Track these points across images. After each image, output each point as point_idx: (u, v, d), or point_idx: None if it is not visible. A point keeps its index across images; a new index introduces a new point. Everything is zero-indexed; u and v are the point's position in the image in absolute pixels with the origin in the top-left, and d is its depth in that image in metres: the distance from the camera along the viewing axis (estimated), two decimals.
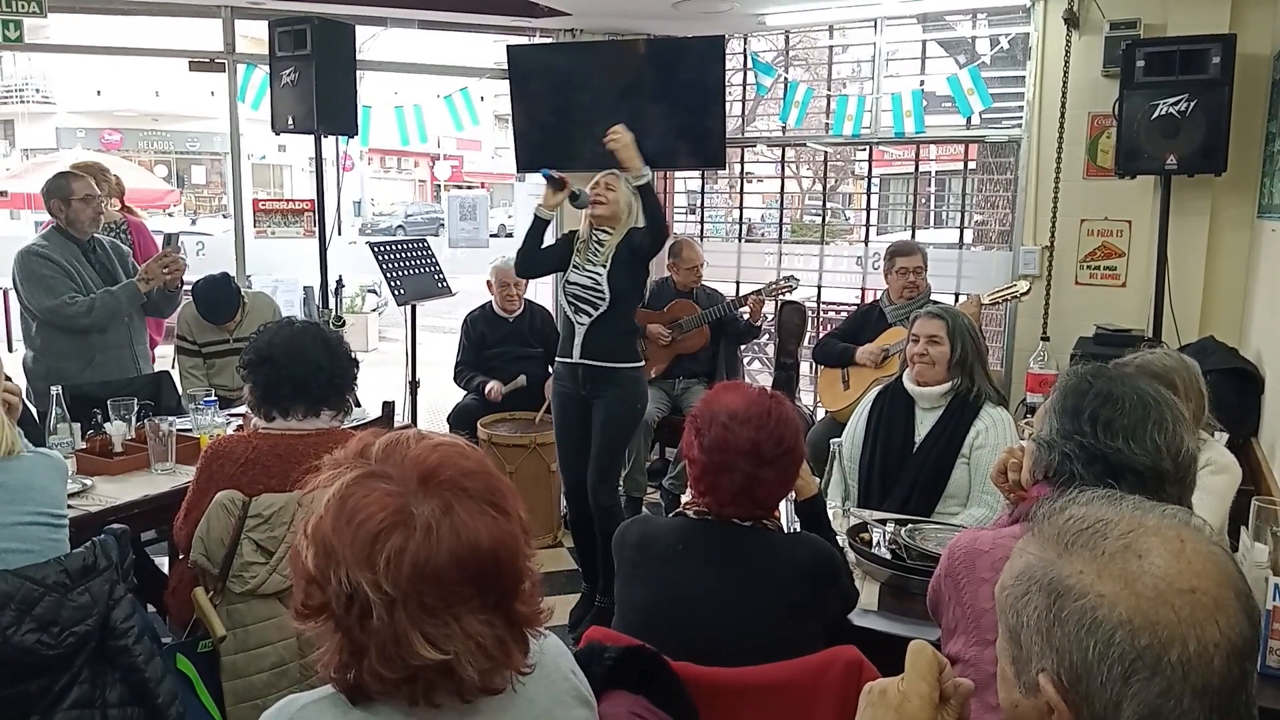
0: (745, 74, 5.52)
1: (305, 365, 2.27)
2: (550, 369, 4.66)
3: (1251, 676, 0.78)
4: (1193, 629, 0.75)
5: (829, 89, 5.44)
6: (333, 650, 1.05)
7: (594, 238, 3.50)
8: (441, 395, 5.22)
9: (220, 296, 4.11)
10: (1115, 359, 2.07)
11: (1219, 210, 4.07)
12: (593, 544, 3.63)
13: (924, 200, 8.80)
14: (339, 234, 5.12)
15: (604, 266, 3.42)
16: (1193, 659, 0.75)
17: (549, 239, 3.67)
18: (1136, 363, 2.15)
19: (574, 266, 3.51)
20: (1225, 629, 0.76)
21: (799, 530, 2.10)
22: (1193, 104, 3.69)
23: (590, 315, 3.44)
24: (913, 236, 5.34)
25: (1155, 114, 3.75)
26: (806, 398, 5.42)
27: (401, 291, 4.65)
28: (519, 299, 4.70)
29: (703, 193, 5.98)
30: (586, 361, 3.45)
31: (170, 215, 17.54)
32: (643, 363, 3.60)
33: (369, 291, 10.46)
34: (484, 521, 1.04)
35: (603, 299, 3.41)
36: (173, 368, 4.29)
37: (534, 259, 3.58)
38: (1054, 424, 1.51)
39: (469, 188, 22.07)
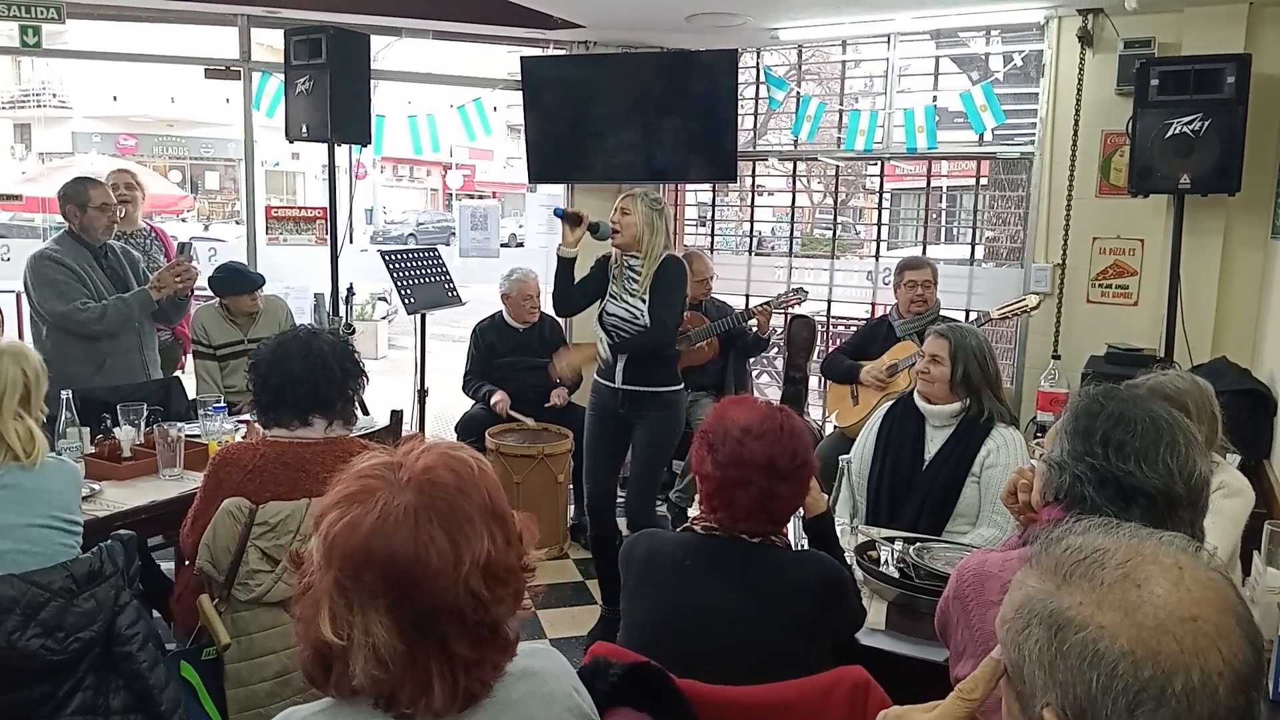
0: (757, 88, 5.53)
1: (282, 375, 2.28)
2: (557, 380, 4.67)
3: (1258, 705, 0.77)
4: (1196, 658, 0.74)
5: (841, 104, 5.44)
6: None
7: (625, 263, 3.41)
8: (450, 404, 5.22)
9: (241, 268, 4.36)
10: (1127, 378, 2.06)
11: (1232, 230, 4.05)
12: (612, 564, 3.62)
13: (935, 216, 8.78)
14: (350, 242, 5.14)
15: (643, 300, 3.33)
16: (1197, 689, 0.73)
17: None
18: (1149, 384, 2.14)
19: (611, 296, 3.41)
20: (1229, 657, 0.75)
21: (807, 548, 2.08)
22: (1207, 123, 3.68)
23: None
24: (924, 252, 5.33)
25: (1169, 133, 3.74)
26: (815, 412, 5.41)
27: (412, 300, 4.66)
28: (539, 311, 4.71)
29: (713, 205, 5.98)
30: (628, 387, 3.41)
31: (183, 221, 17.62)
32: (682, 385, 3.53)
33: (379, 299, 10.48)
34: (420, 534, 1.03)
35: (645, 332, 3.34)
36: (185, 372, 4.32)
37: (571, 297, 3.48)
38: (1065, 445, 1.50)
39: (481, 197, 22.16)
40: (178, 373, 4.35)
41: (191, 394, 3.92)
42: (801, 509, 2.00)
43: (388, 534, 1.02)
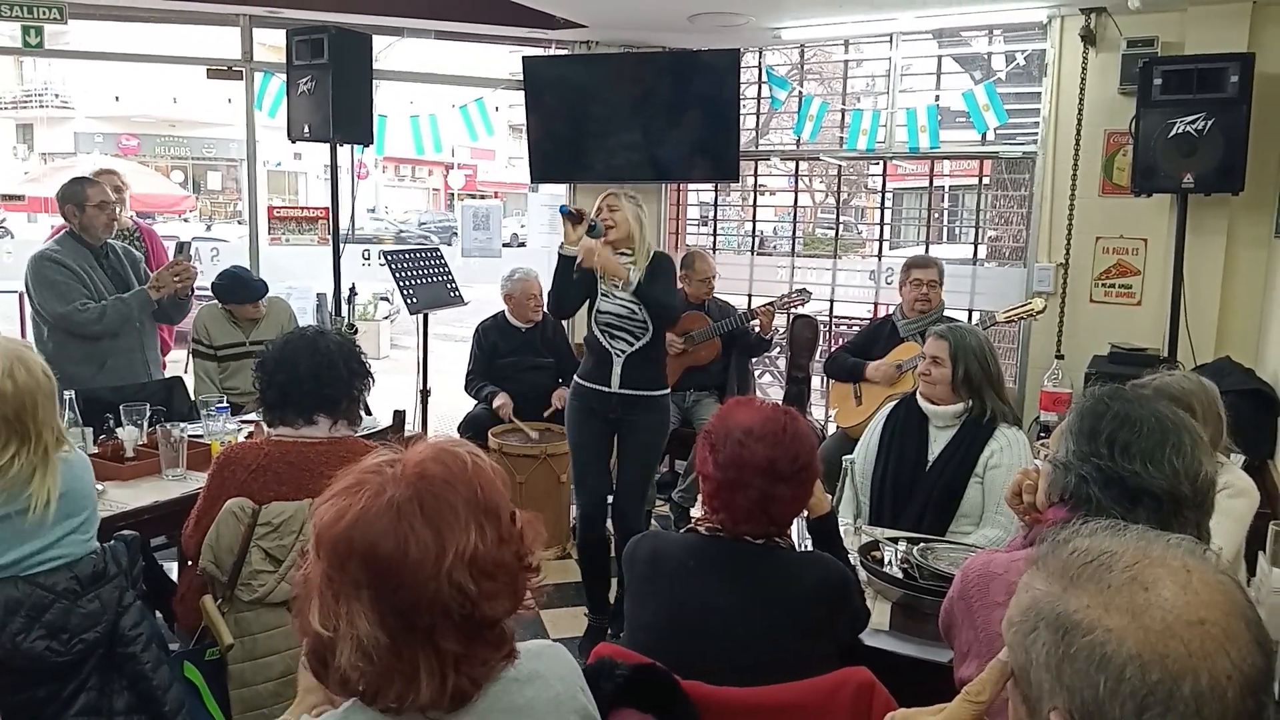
0: (760, 87, 5.53)
1: (288, 373, 2.29)
2: (560, 379, 4.67)
3: (1267, 709, 0.77)
4: (1204, 661, 0.74)
5: (843, 103, 5.44)
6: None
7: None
8: (452, 404, 5.22)
9: (245, 276, 4.31)
10: (1130, 378, 2.05)
11: (1236, 230, 4.04)
12: (605, 571, 3.51)
13: (937, 215, 8.77)
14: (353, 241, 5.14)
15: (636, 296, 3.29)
16: (1205, 693, 0.73)
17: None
18: (1155, 385, 2.13)
19: (603, 295, 3.36)
20: (1237, 660, 0.74)
21: (811, 549, 2.08)
22: (1210, 123, 3.67)
23: (630, 344, 3.34)
24: (926, 251, 5.32)
25: (1172, 132, 3.73)
26: (817, 412, 5.40)
27: (414, 300, 4.66)
28: (542, 310, 4.70)
29: (715, 205, 5.98)
30: (625, 391, 3.35)
31: (185, 221, 17.64)
32: (669, 389, 3.51)
33: (381, 299, 10.47)
34: (401, 525, 1.02)
35: (645, 329, 3.32)
36: (186, 372, 4.32)
37: (566, 298, 3.40)
38: (1070, 446, 1.49)
39: (482, 197, 22.17)
40: (183, 374, 4.35)
41: (193, 394, 3.92)
42: (805, 510, 2.00)
43: (368, 524, 1.02)
